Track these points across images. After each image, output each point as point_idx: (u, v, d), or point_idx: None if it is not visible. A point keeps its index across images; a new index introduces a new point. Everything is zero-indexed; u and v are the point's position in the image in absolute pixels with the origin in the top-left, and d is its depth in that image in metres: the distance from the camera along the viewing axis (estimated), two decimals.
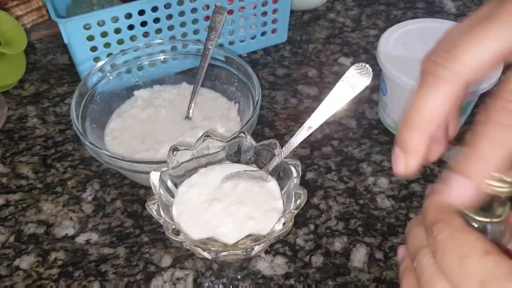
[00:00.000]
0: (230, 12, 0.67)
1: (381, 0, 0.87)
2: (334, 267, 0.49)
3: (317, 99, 0.67)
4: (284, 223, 0.38)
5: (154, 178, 0.42)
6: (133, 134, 0.57)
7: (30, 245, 0.51)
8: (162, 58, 0.61)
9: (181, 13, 0.64)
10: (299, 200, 0.40)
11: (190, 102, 0.59)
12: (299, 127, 0.42)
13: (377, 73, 0.57)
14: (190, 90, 0.60)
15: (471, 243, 0.22)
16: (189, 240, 0.38)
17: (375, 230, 0.52)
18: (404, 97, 0.57)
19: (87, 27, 0.60)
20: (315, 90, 0.69)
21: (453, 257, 0.22)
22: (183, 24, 0.66)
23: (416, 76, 0.55)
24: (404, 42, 0.59)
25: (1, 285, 0.48)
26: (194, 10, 0.65)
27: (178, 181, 0.45)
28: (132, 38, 0.64)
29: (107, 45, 0.63)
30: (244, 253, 0.40)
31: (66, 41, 0.60)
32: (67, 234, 0.52)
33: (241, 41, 0.72)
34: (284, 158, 0.43)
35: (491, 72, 0.23)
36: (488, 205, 0.24)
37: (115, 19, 0.61)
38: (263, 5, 0.69)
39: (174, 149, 0.43)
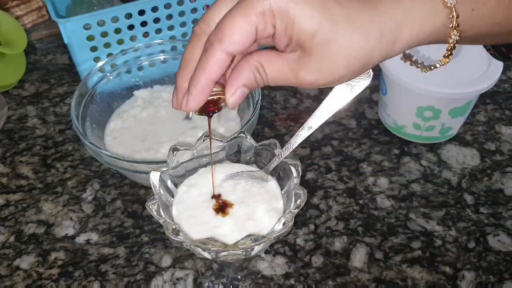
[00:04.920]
0: None
1: None
2: (334, 267, 0.49)
3: (317, 99, 0.67)
4: (284, 223, 0.38)
5: (154, 178, 0.42)
6: (133, 134, 0.57)
7: (30, 245, 0.51)
8: (162, 58, 0.61)
9: (181, 13, 0.64)
10: (299, 200, 0.40)
11: None
12: (299, 127, 0.41)
13: (377, 73, 0.57)
14: None
15: None
16: (189, 240, 0.38)
17: (375, 230, 0.52)
18: (404, 97, 0.57)
19: (87, 27, 0.60)
20: (315, 90, 0.69)
21: None
22: (183, 24, 0.66)
23: (416, 76, 0.55)
24: None
25: (1, 285, 0.48)
26: (194, 10, 0.65)
27: (178, 181, 0.45)
28: (132, 38, 0.64)
29: (107, 45, 0.63)
30: (244, 253, 0.40)
31: (66, 41, 0.60)
32: (67, 234, 0.52)
33: None
34: (284, 158, 0.43)
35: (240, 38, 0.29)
36: None
37: (115, 19, 0.61)
38: None
39: (174, 149, 0.43)
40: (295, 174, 0.42)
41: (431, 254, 0.50)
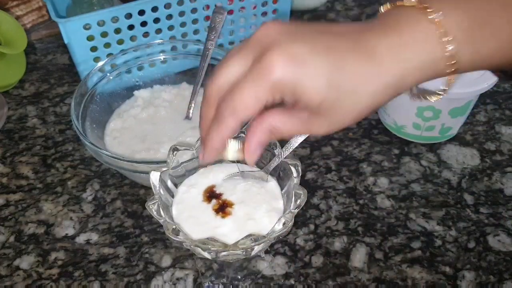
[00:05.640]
0: (230, 12, 0.67)
1: (381, 0, 0.87)
2: (334, 267, 0.49)
3: None
4: (284, 223, 0.38)
5: (154, 178, 0.42)
6: (133, 134, 0.57)
7: (30, 245, 0.51)
8: (162, 58, 0.61)
9: (181, 13, 0.64)
10: (299, 200, 0.40)
11: (190, 102, 0.59)
12: None
13: None
14: (190, 90, 0.60)
15: None
16: (189, 240, 0.38)
17: (375, 230, 0.52)
18: (404, 97, 0.57)
19: (87, 27, 0.60)
20: None
21: None
22: (183, 24, 0.66)
23: None
24: None
25: (1, 285, 0.48)
26: (194, 10, 0.65)
27: (178, 181, 0.45)
28: (132, 38, 0.64)
29: (107, 45, 0.63)
30: (244, 253, 0.40)
31: (66, 41, 0.60)
32: (67, 234, 0.52)
33: (241, 41, 0.72)
34: (284, 158, 0.43)
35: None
36: None
37: (115, 19, 0.61)
38: (263, 5, 0.69)
39: (174, 149, 0.43)
40: (295, 174, 0.42)
41: (431, 254, 0.50)
